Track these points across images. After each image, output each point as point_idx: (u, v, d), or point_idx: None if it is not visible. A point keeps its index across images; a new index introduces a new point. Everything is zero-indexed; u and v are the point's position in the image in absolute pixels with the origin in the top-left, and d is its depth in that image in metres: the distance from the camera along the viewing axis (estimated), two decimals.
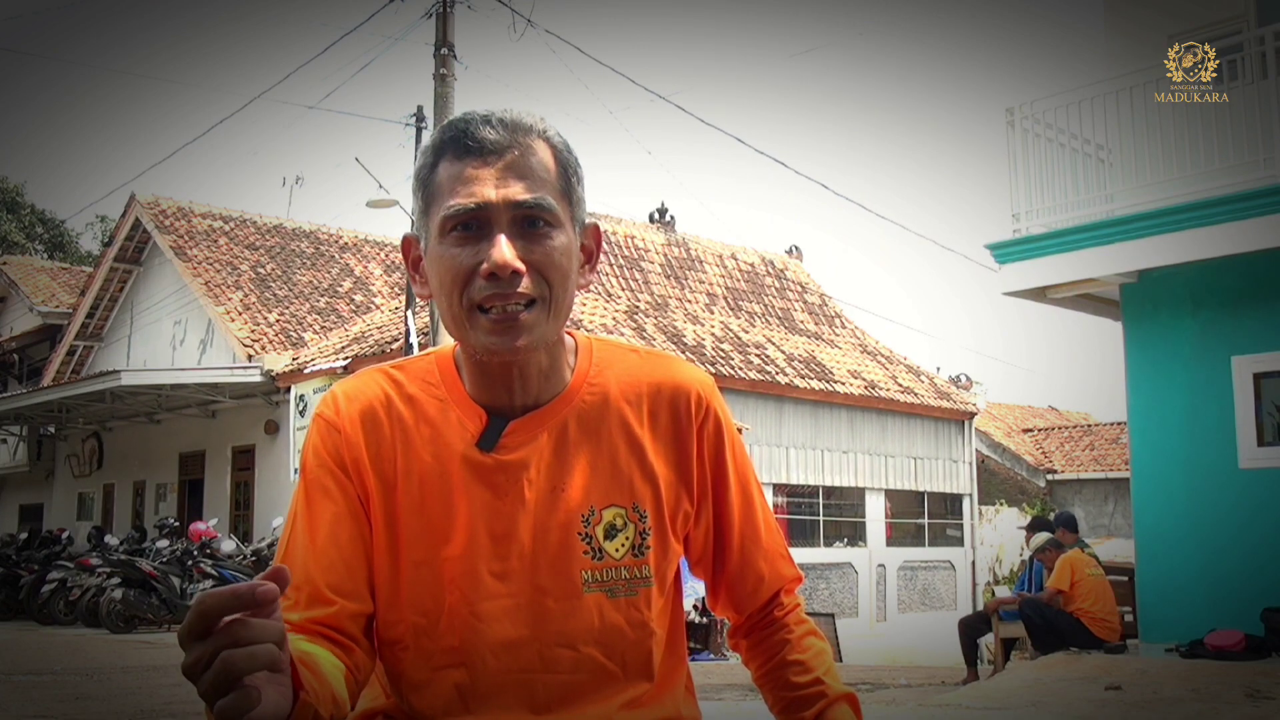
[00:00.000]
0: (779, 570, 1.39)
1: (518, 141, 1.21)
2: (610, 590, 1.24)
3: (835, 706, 1.32)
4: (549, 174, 1.22)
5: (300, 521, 1.23)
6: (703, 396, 1.32)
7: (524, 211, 1.18)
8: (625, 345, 1.36)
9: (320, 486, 1.23)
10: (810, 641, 1.38)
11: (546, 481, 1.25)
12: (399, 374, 1.30)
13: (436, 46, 12.12)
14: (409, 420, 1.26)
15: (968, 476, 20.42)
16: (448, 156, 1.21)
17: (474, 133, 1.20)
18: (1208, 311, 7.96)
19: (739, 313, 19.48)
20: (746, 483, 1.36)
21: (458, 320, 1.20)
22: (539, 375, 1.25)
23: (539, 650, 1.22)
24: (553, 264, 1.19)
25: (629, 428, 1.28)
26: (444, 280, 1.20)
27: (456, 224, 1.18)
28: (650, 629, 1.26)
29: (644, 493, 1.27)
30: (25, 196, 34.19)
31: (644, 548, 1.26)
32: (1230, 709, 5.36)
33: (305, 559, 1.19)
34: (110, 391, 15.94)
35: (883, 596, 18.79)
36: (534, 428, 1.25)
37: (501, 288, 1.16)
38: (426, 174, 1.23)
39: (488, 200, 1.17)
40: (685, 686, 1.36)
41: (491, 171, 1.19)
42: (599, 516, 1.25)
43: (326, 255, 19.61)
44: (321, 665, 1.08)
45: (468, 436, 1.25)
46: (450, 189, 1.19)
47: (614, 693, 1.24)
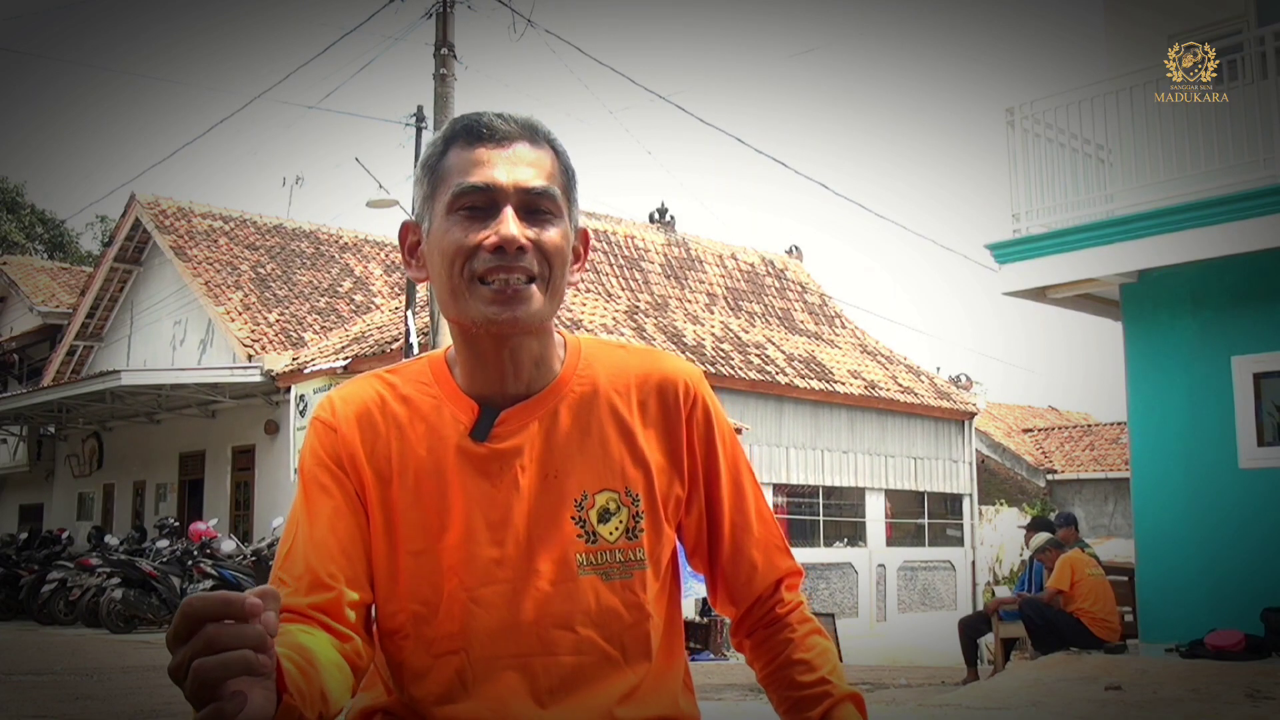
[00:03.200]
0: (774, 561, 1.39)
1: (527, 136, 1.27)
2: (605, 573, 1.26)
3: (840, 706, 1.32)
4: (553, 170, 1.27)
5: (300, 519, 1.26)
6: (690, 385, 1.35)
7: (531, 197, 1.23)
8: (613, 342, 1.40)
9: (318, 484, 1.27)
10: (814, 640, 1.37)
11: (539, 468, 1.28)
12: (393, 377, 1.34)
13: (436, 46, 12.12)
14: (403, 418, 1.29)
15: (968, 476, 20.42)
16: (459, 143, 1.26)
17: (487, 122, 1.26)
18: (1208, 311, 7.96)
19: (739, 313, 19.48)
20: (738, 472, 1.38)
21: (456, 292, 1.23)
22: (530, 363, 1.28)
23: (537, 633, 1.24)
24: (555, 246, 1.24)
25: (619, 415, 1.31)
26: (446, 253, 1.23)
27: (465, 203, 1.23)
28: (646, 611, 1.28)
29: (635, 477, 1.30)
30: (25, 196, 34.18)
31: (637, 530, 1.28)
32: (1230, 709, 5.36)
33: (305, 550, 1.23)
34: (110, 391, 15.93)
35: (883, 596, 18.79)
36: (525, 416, 1.29)
37: (505, 260, 1.21)
38: (435, 161, 1.27)
39: (498, 182, 1.23)
40: (684, 681, 1.37)
41: (503, 156, 1.24)
42: (592, 501, 1.28)
43: (326, 255, 19.61)
44: (317, 658, 1.09)
45: (461, 428, 1.28)
46: (461, 170, 1.24)
47: (615, 676, 1.26)
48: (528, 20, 11.75)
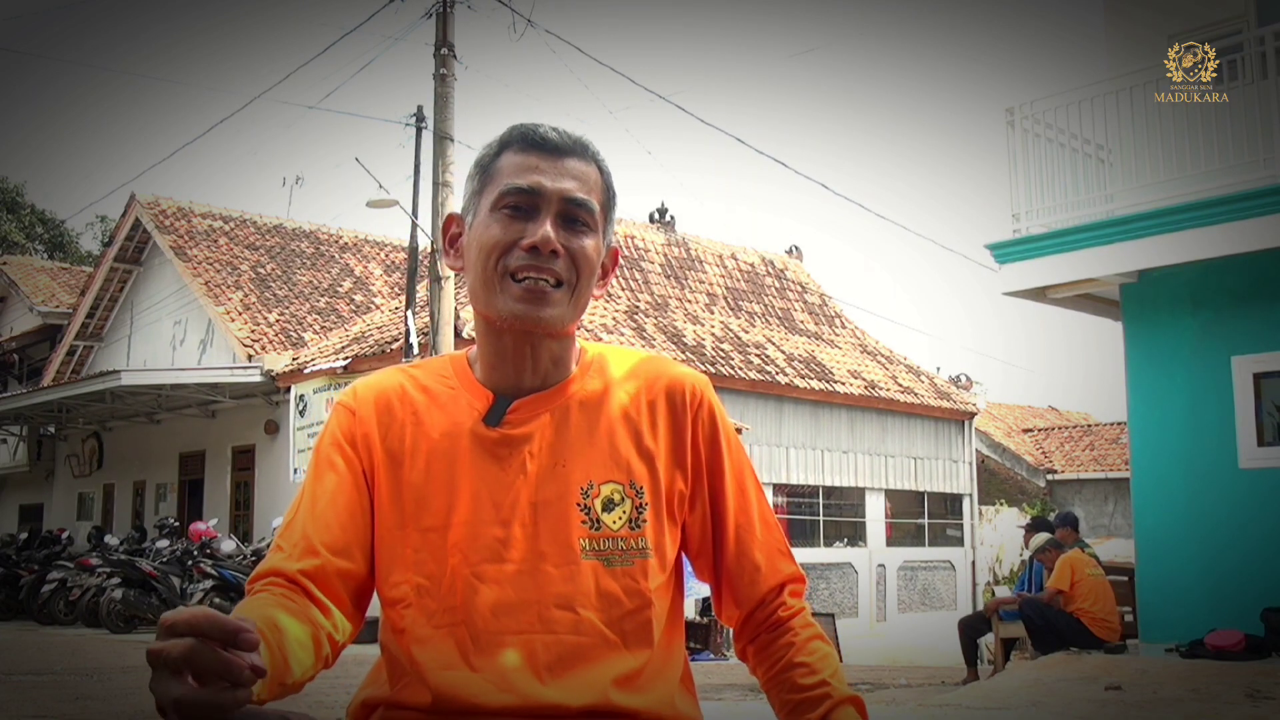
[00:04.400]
0: (776, 565, 1.42)
1: (578, 151, 1.35)
2: (607, 559, 1.31)
3: (840, 709, 1.33)
4: (596, 187, 1.35)
5: (306, 490, 1.34)
6: (697, 389, 1.41)
7: (571, 207, 1.31)
8: (625, 349, 1.46)
9: (328, 461, 1.34)
10: (816, 645, 1.39)
11: (548, 456, 1.33)
12: (416, 371, 1.42)
13: (436, 46, 12.11)
14: (420, 405, 1.37)
15: (968, 476, 20.42)
16: (513, 148, 1.34)
17: (542, 133, 1.34)
18: (1208, 311, 7.96)
19: (739, 313, 19.48)
20: (742, 475, 1.42)
21: (488, 284, 1.31)
22: (549, 359, 1.35)
23: (538, 611, 1.28)
24: (585, 256, 1.32)
25: (627, 412, 1.37)
26: (484, 245, 1.31)
27: (509, 202, 1.31)
28: (648, 599, 1.31)
29: (640, 471, 1.35)
30: (25, 196, 34.19)
31: (640, 521, 1.33)
32: (1230, 709, 5.36)
33: (304, 519, 1.30)
34: (110, 391, 15.93)
35: (883, 596, 18.79)
36: (538, 407, 1.35)
37: (538, 261, 1.29)
38: (489, 161, 1.36)
39: (543, 186, 1.31)
40: (682, 679, 1.38)
41: (552, 165, 1.32)
42: (597, 490, 1.32)
43: (326, 255, 19.61)
44: (286, 638, 1.14)
45: (475, 415, 1.35)
46: (511, 172, 1.32)
47: (614, 660, 1.28)
48: (528, 20, 11.74)
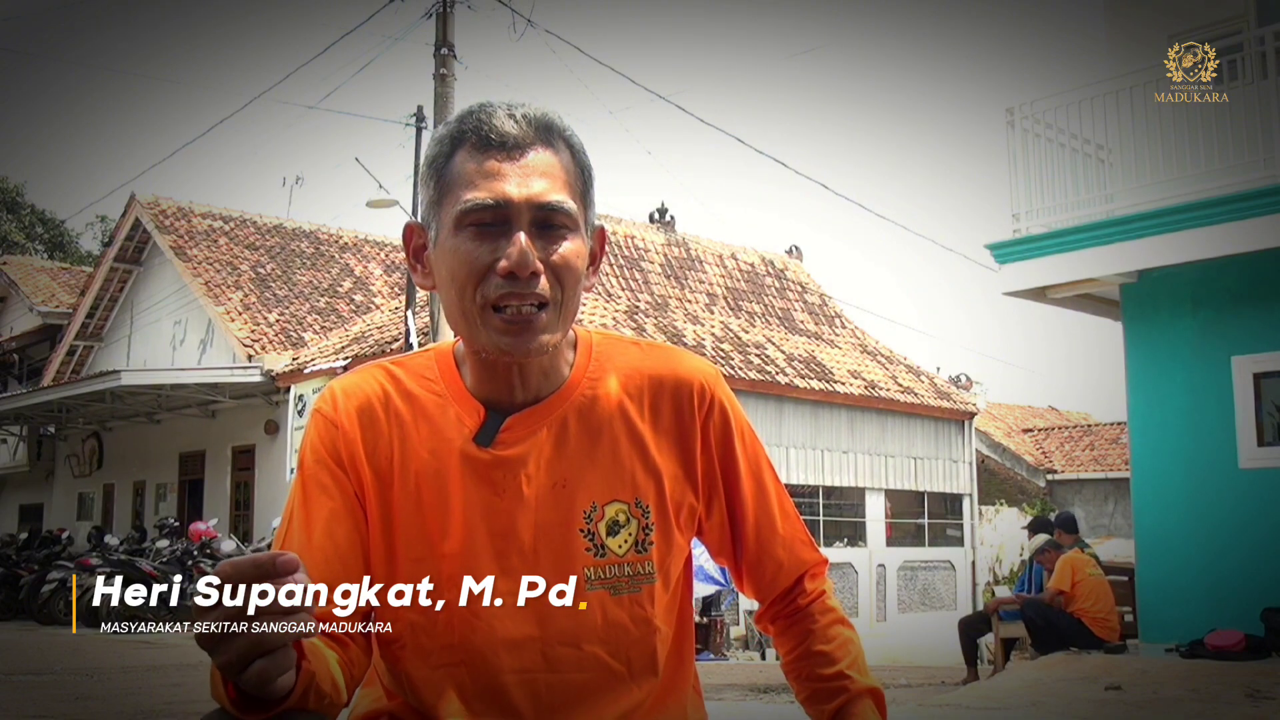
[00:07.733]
0: (799, 555, 1.37)
1: (540, 139, 1.19)
2: (614, 588, 1.22)
3: (858, 701, 1.31)
4: (569, 176, 1.20)
5: (297, 517, 1.22)
6: (706, 388, 1.30)
7: (545, 213, 1.17)
8: (627, 339, 1.35)
9: (317, 482, 1.22)
10: (836, 631, 1.35)
11: (547, 477, 1.22)
12: (398, 370, 1.28)
13: (436, 46, 12.12)
14: (407, 417, 1.24)
15: (968, 476, 20.41)
16: (466, 146, 1.18)
17: (497, 125, 1.17)
18: (1208, 311, 7.96)
19: (739, 313, 19.47)
20: (759, 471, 1.34)
21: (469, 317, 1.18)
22: (539, 372, 1.24)
23: (542, 649, 1.20)
24: (568, 267, 1.18)
25: (630, 421, 1.26)
26: (457, 274, 1.17)
27: (474, 219, 1.16)
28: (654, 625, 1.25)
29: (646, 487, 1.25)
30: (25, 196, 34.19)
31: (647, 543, 1.24)
32: (1230, 709, 5.36)
33: (302, 555, 1.17)
34: (110, 391, 15.93)
35: (883, 596, 18.79)
36: (533, 423, 1.23)
37: (518, 287, 1.15)
38: (442, 163, 1.20)
39: (509, 198, 1.15)
40: (693, 687, 1.35)
41: (514, 168, 1.16)
42: (601, 513, 1.23)
43: (326, 255, 19.61)
44: (318, 652, 1.09)
45: (465, 432, 1.23)
46: (469, 181, 1.17)
47: (620, 693, 1.23)
48: (528, 20, 11.77)
